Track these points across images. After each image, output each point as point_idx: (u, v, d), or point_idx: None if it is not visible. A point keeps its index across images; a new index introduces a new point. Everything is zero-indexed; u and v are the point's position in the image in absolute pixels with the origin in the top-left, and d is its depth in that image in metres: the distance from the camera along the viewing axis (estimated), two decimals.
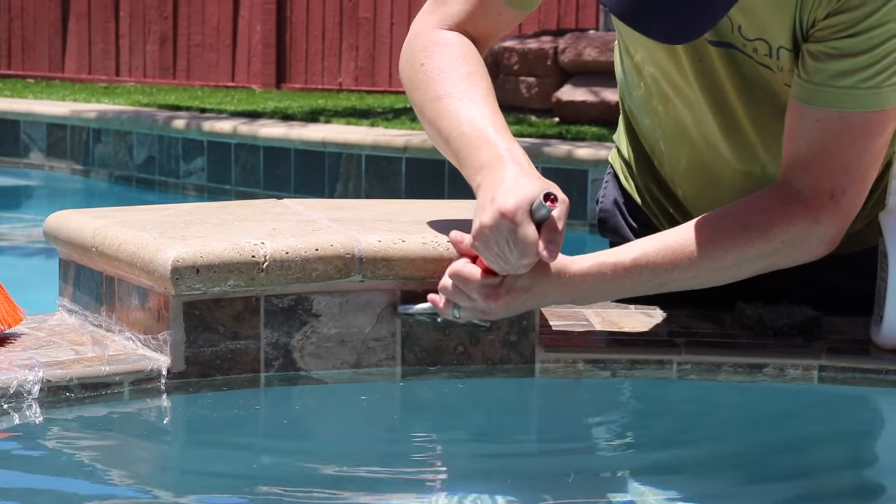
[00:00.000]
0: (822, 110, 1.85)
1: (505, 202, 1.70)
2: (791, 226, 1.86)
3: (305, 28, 9.81)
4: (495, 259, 1.74)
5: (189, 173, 7.34)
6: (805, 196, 1.87)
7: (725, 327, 2.05)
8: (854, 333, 2.03)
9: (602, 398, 1.96)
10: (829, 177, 1.86)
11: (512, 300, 1.81)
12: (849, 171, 1.86)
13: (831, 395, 1.92)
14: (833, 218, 1.87)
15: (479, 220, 1.73)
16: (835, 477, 1.74)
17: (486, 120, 1.82)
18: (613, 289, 1.87)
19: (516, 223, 1.69)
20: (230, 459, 1.73)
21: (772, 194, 1.91)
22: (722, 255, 1.86)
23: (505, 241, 1.71)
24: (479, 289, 1.79)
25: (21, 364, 1.80)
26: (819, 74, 1.85)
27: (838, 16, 1.82)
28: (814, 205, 1.87)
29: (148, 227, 1.96)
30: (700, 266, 1.86)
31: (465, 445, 1.80)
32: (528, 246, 1.70)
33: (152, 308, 1.87)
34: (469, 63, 1.90)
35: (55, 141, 8.12)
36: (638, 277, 1.86)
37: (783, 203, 1.88)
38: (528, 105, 7.40)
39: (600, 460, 1.78)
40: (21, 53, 11.18)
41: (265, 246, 1.85)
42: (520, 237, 1.69)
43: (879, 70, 1.82)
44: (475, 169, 1.79)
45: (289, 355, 1.88)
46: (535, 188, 1.71)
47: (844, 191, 1.87)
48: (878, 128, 1.86)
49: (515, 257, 1.72)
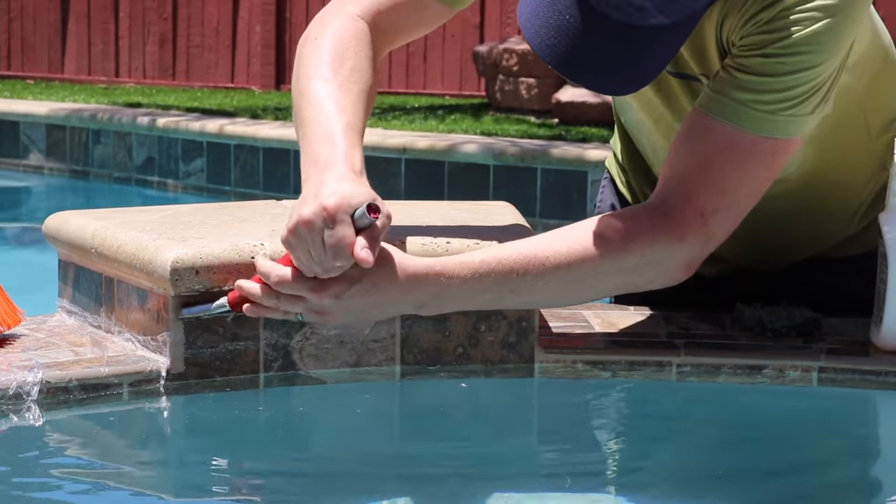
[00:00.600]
0: (714, 120, 1.77)
1: (327, 199, 1.65)
2: (653, 241, 1.77)
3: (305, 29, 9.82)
4: (306, 258, 1.68)
5: (188, 174, 7.34)
6: (674, 211, 1.78)
7: (725, 329, 2.06)
8: (853, 335, 2.03)
9: (601, 399, 1.96)
10: (704, 193, 1.77)
11: (342, 292, 1.71)
12: (725, 193, 1.77)
13: (831, 397, 1.92)
14: (698, 238, 1.78)
15: (298, 212, 1.66)
16: (834, 479, 1.74)
17: (343, 118, 1.76)
18: (459, 292, 1.76)
19: (336, 221, 1.64)
20: (230, 461, 1.73)
21: (640, 208, 1.83)
22: (577, 265, 1.76)
23: (320, 239, 1.65)
24: (301, 286, 1.71)
25: (20, 365, 1.80)
26: (721, 84, 1.78)
27: (753, 36, 1.76)
28: (681, 220, 1.77)
29: (147, 228, 1.96)
30: (554, 274, 1.76)
31: (464, 446, 1.80)
32: (342, 247, 1.64)
33: (152, 309, 1.87)
34: (358, 58, 1.84)
35: (55, 142, 8.13)
36: (487, 280, 1.75)
37: (650, 216, 1.79)
38: (527, 106, 7.40)
39: (599, 461, 1.78)
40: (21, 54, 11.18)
41: (265, 247, 1.84)
42: (337, 236, 1.64)
43: (781, 98, 1.75)
44: (311, 161, 1.73)
45: (288, 356, 1.88)
46: (361, 195, 1.66)
47: (716, 212, 1.77)
48: (765, 157, 1.77)
49: (329, 257, 1.66)
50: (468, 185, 6.22)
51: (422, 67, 9.30)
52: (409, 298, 1.75)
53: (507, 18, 9.01)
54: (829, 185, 2.06)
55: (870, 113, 2.02)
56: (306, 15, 9.82)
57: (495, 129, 6.85)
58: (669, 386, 1.94)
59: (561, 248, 1.77)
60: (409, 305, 1.76)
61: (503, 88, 7.47)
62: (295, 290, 1.72)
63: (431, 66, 9.27)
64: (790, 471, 1.72)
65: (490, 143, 6.42)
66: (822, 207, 2.09)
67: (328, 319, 1.76)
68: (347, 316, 1.76)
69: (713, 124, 1.78)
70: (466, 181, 6.25)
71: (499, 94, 7.53)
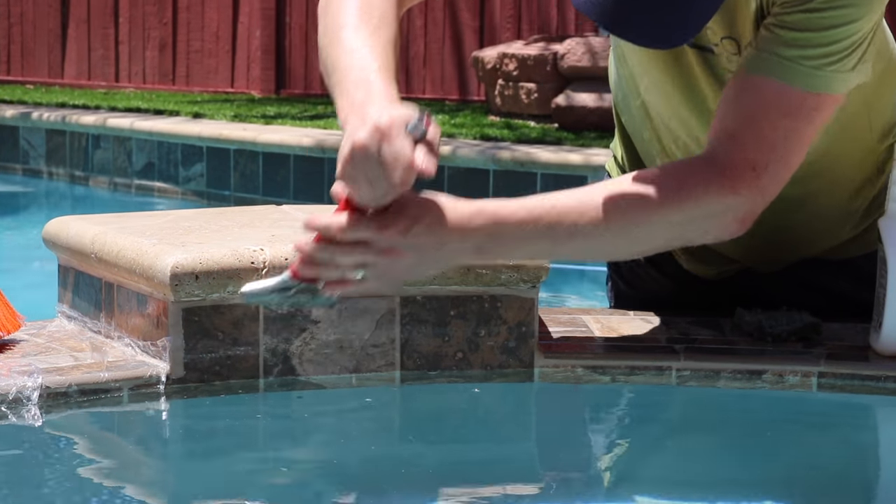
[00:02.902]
0: (761, 77, 1.80)
1: (379, 118, 1.60)
2: (706, 192, 1.77)
3: (305, 34, 9.81)
4: (366, 187, 1.61)
5: (188, 179, 7.34)
6: (726, 165, 1.79)
7: (724, 333, 2.05)
8: (853, 340, 2.03)
9: (601, 404, 1.96)
10: (755, 148, 1.79)
11: (408, 228, 1.64)
12: (776, 148, 1.79)
13: (830, 402, 1.92)
14: (751, 191, 1.79)
15: (351, 140, 1.60)
16: (834, 484, 1.74)
17: (376, 63, 1.73)
18: (517, 233, 1.72)
19: (391, 137, 1.58)
20: (229, 465, 1.73)
21: (693, 161, 1.86)
22: (632, 213, 1.75)
23: (378, 160, 1.59)
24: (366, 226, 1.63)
25: (20, 370, 1.80)
26: (765, 43, 1.81)
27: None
28: (733, 174, 1.78)
29: (147, 233, 1.96)
30: (608, 221, 1.74)
31: (463, 451, 1.80)
32: (403, 161, 1.58)
33: (151, 314, 1.87)
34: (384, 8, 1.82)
35: (54, 147, 8.13)
36: (542, 222, 1.73)
37: (702, 170, 1.81)
38: (527, 111, 7.40)
39: (598, 466, 1.78)
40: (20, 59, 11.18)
41: (264, 252, 1.85)
42: (394, 150, 1.58)
43: (825, 53, 1.79)
44: (348, 105, 1.68)
45: (288, 361, 1.88)
46: (408, 109, 1.62)
47: (767, 166, 1.79)
48: (811, 112, 1.81)
49: (390, 176, 1.59)
50: (468, 190, 6.22)
51: (422, 72, 9.30)
52: (469, 238, 1.70)
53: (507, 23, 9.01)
54: (832, 177, 2.07)
55: (874, 112, 2.04)
56: (306, 20, 9.82)
57: (495, 134, 6.85)
58: (669, 391, 1.94)
59: (615, 195, 1.76)
60: (468, 248, 1.71)
61: (503, 93, 7.47)
62: (360, 234, 1.64)
63: (431, 70, 9.28)
64: (789, 476, 1.72)
65: (490, 147, 6.42)
66: (824, 203, 2.10)
67: (393, 272, 1.67)
68: (414, 264, 1.68)
69: (760, 81, 1.81)
70: (466, 186, 6.25)
71: (498, 99, 7.53)
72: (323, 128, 7.38)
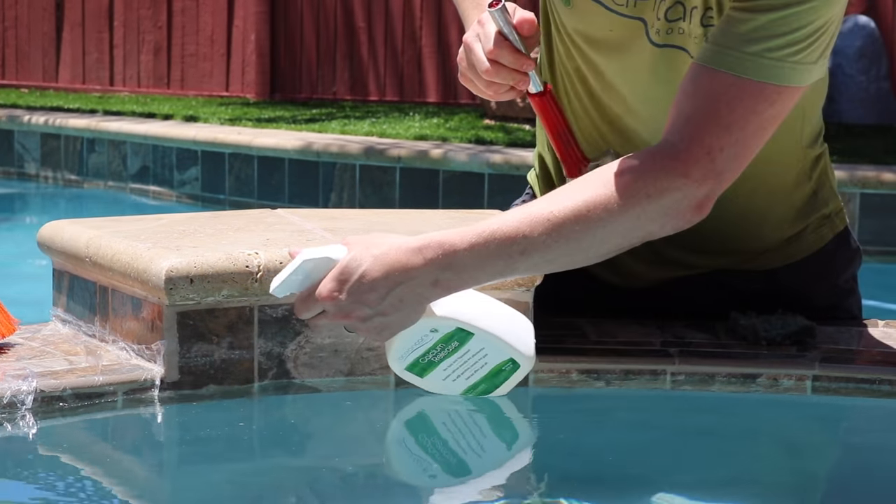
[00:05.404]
0: (720, 72, 1.77)
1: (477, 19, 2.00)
2: (656, 178, 1.74)
3: (300, 38, 9.82)
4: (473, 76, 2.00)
5: (183, 183, 7.34)
6: (679, 148, 1.75)
7: (719, 337, 2.06)
8: (847, 343, 2.03)
9: (595, 408, 1.96)
10: (710, 130, 1.75)
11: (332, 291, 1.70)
12: (732, 130, 1.75)
13: (825, 405, 1.92)
14: (705, 175, 1.74)
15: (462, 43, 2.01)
16: (829, 487, 1.74)
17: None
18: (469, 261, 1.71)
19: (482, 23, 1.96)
20: (224, 469, 1.73)
21: (645, 150, 1.80)
22: (583, 214, 1.72)
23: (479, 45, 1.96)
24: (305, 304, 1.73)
25: (14, 374, 1.80)
26: (727, 37, 1.78)
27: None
28: (686, 157, 1.74)
29: (142, 237, 1.96)
30: (561, 229, 1.72)
31: (458, 455, 1.80)
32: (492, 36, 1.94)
33: (146, 318, 1.87)
34: None
35: (49, 151, 8.13)
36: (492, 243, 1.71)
37: (653, 156, 1.77)
38: (521, 115, 7.41)
39: (593, 470, 1.78)
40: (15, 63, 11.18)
41: (259, 256, 1.85)
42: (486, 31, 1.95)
43: (788, 42, 1.75)
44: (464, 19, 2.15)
45: (283, 365, 1.88)
46: None
47: (723, 149, 1.74)
48: (771, 98, 1.77)
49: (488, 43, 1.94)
50: (463, 194, 6.23)
51: (416, 76, 9.30)
52: (423, 272, 1.71)
53: None
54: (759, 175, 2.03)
55: (806, 119, 2.05)
56: (301, 23, 9.82)
57: (490, 137, 6.86)
58: (664, 394, 1.94)
59: (564, 201, 1.74)
60: (426, 283, 1.71)
61: None
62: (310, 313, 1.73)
63: (426, 74, 9.28)
64: (784, 479, 1.72)
65: (484, 151, 6.43)
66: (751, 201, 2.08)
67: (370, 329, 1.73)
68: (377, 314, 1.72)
69: (718, 75, 1.77)
70: (461, 190, 6.25)
71: (493, 103, 7.54)
72: (317, 131, 7.38)
